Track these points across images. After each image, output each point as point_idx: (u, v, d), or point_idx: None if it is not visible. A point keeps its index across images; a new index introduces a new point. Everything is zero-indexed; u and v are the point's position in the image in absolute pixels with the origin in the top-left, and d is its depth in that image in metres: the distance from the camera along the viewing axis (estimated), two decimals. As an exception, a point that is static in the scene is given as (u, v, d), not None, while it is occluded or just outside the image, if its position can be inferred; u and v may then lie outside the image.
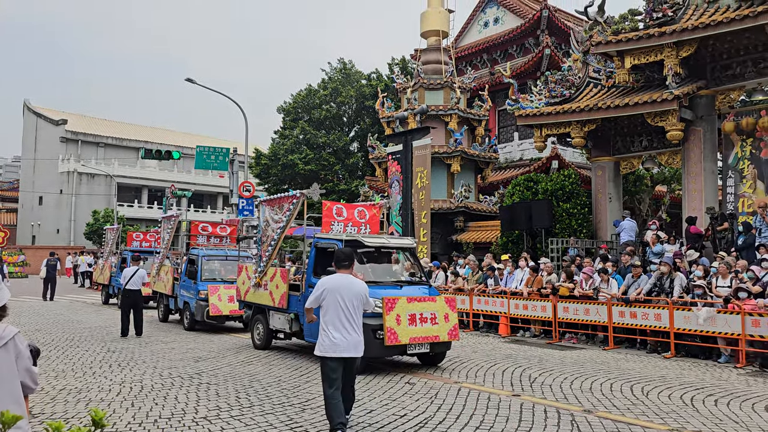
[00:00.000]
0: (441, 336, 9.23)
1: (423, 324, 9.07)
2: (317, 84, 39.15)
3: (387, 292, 9.24)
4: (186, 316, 14.64)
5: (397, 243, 10.45)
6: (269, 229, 11.28)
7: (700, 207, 15.33)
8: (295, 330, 10.61)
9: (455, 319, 9.53)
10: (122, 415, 6.55)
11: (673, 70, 14.80)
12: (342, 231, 10.67)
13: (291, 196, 10.86)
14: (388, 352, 9.02)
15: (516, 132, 28.43)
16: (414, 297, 9.26)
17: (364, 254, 10.06)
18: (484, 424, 6.38)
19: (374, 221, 11.24)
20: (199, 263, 14.63)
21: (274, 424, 6.28)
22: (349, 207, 11.22)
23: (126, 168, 56.22)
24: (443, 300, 9.53)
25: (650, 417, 6.78)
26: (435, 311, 9.26)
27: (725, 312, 10.38)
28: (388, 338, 8.72)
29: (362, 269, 9.69)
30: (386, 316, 8.76)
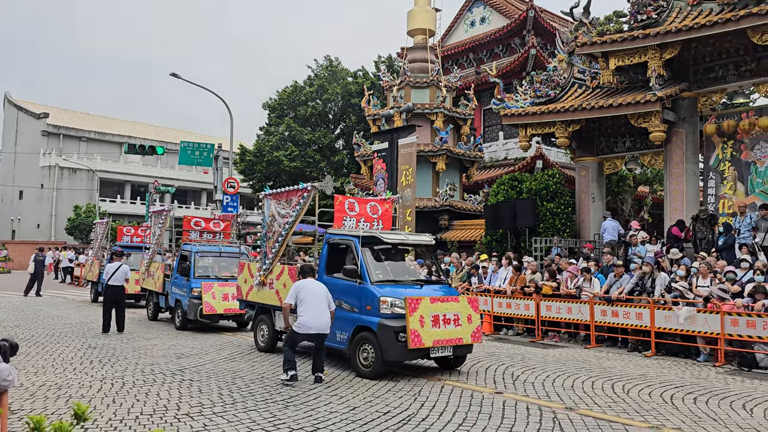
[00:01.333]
0: (464, 338, 8.73)
1: (446, 326, 8.56)
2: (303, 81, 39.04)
3: (408, 291, 8.78)
4: (178, 314, 14.06)
5: (417, 239, 9.91)
6: (275, 225, 10.69)
7: (681, 208, 15.50)
8: None
9: (478, 320, 9.07)
10: (103, 412, 6.48)
11: (656, 72, 14.95)
12: (354, 226, 10.13)
13: (301, 190, 10.22)
14: (411, 356, 8.52)
15: (501, 131, 28.56)
16: (437, 297, 8.74)
17: (381, 251, 9.55)
18: (467, 422, 6.41)
19: (387, 216, 10.66)
20: (191, 259, 14.11)
21: (257, 421, 6.26)
22: (362, 201, 10.63)
23: (108, 163, 55.63)
24: (466, 300, 9.06)
25: (631, 414, 6.85)
26: (458, 312, 8.77)
27: (705, 312, 10.51)
28: (412, 341, 8.20)
29: (380, 267, 9.29)
30: (409, 317, 8.24)
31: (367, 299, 8.63)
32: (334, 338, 9.05)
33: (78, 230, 47.69)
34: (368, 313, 8.58)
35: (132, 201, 56.72)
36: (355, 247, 9.07)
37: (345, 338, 8.92)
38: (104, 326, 12.82)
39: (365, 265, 8.87)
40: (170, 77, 25.30)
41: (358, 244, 9.04)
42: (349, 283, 8.96)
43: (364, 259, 8.94)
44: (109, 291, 13.01)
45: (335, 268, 9.53)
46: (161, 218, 16.27)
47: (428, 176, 23.14)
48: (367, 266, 8.89)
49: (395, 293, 8.59)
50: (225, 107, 25.24)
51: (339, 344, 9.09)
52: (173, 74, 24.76)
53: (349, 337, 8.82)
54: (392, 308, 8.41)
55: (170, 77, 25.30)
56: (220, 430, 5.92)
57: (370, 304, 8.58)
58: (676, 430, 6.28)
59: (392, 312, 8.40)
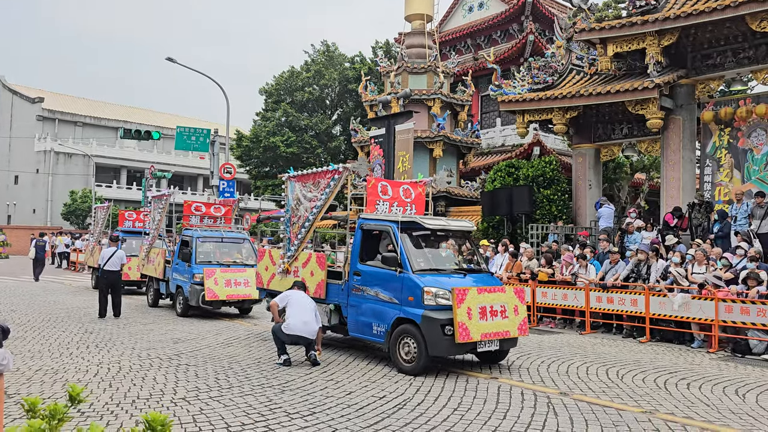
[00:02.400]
0: (511, 331, 8.23)
1: (494, 318, 8.09)
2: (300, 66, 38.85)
3: (454, 281, 8.28)
4: (179, 301, 13.86)
5: (458, 226, 9.31)
6: (301, 209, 10.16)
7: (678, 195, 15.52)
8: (335, 323, 9.60)
9: (524, 311, 8.60)
10: (99, 396, 6.51)
11: (654, 58, 14.91)
12: (387, 211, 9.55)
13: (331, 171, 9.64)
14: (458, 350, 8.03)
15: (498, 118, 28.50)
16: (484, 287, 8.24)
17: (421, 238, 9.08)
18: (462, 406, 6.46)
19: (420, 200, 10.06)
20: (193, 245, 13.90)
21: (254, 405, 6.29)
22: (395, 185, 10.02)
23: (104, 148, 55.39)
24: (512, 291, 8.58)
25: (624, 400, 6.91)
26: (505, 303, 8.28)
27: (700, 298, 10.57)
28: (460, 335, 7.70)
29: (421, 255, 8.80)
30: (457, 309, 7.74)
31: (409, 289, 8.11)
32: (370, 331, 8.64)
33: (74, 215, 47.61)
34: (410, 305, 8.06)
35: (128, 186, 56.57)
36: (393, 234, 8.55)
37: (382, 331, 8.41)
38: (100, 312, 12.83)
39: (405, 252, 8.36)
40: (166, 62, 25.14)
41: (396, 230, 8.51)
42: (387, 272, 8.46)
43: (404, 246, 8.42)
44: (105, 276, 13.01)
45: (369, 255, 9.12)
46: (161, 203, 15.96)
47: (425, 162, 23.11)
48: (408, 254, 8.37)
49: (439, 283, 8.11)
50: (221, 92, 25.11)
51: (375, 337, 8.60)
52: (169, 59, 24.60)
53: (387, 330, 8.32)
54: (436, 299, 7.93)
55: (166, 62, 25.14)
56: (217, 414, 5.96)
57: (412, 295, 8.06)
58: (669, 414, 6.34)
59: (436, 303, 7.91)
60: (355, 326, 8.95)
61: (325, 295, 9.54)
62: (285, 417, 5.92)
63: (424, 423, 5.84)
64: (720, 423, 6.10)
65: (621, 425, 5.92)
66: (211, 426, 5.61)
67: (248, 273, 13.36)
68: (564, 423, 5.94)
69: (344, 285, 9.20)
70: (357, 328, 8.90)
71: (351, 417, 5.97)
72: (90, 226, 27.20)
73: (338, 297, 9.35)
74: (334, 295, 9.47)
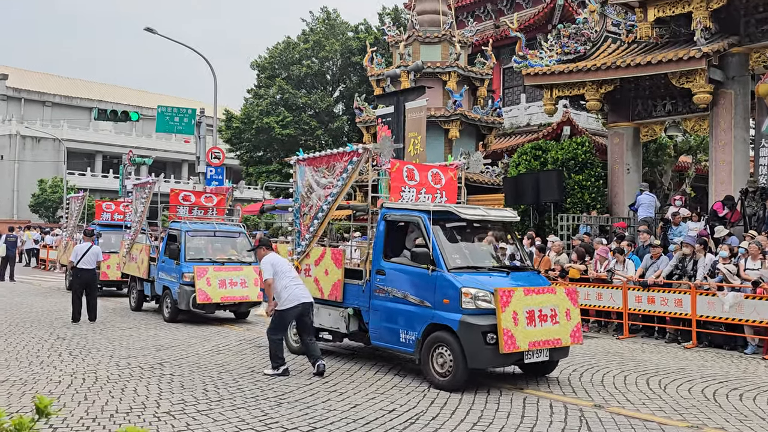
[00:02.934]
0: (563, 339, 7.91)
1: (543, 323, 7.75)
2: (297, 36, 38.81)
3: (495, 281, 7.93)
4: (166, 304, 13.58)
5: (499, 216, 8.97)
6: (313, 197, 9.85)
7: (728, 180, 15.43)
8: (353, 330, 9.24)
9: (578, 316, 8.25)
10: (74, 410, 6.56)
11: (702, 24, 14.76)
12: (414, 199, 9.21)
13: (349, 153, 9.31)
14: (502, 362, 7.77)
15: (523, 93, 28.38)
16: (532, 288, 7.93)
17: (456, 230, 8.78)
18: (482, 421, 6.46)
19: (451, 186, 9.74)
20: (182, 240, 13.53)
21: (247, 420, 6.32)
22: (422, 168, 9.70)
23: (77, 131, 55.65)
24: (563, 292, 8.23)
25: (668, 413, 6.89)
26: (555, 306, 7.94)
27: (754, 298, 10.51)
28: (505, 344, 7.35)
29: (456, 250, 8.48)
30: (501, 314, 7.38)
31: (444, 291, 7.79)
32: (396, 339, 8.32)
33: (43, 207, 47.92)
34: (445, 308, 7.75)
35: (104, 174, 56.86)
36: (424, 225, 8.23)
37: (412, 339, 8.08)
38: (74, 315, 12.91)
39: (439, 247, 8.04)
40: (145, 33, 25.17)
41: (428, 221, 8.19)
42: (417, 270, 8.15)
43: (437, 240, 8.11)
44: (78, 275, 13.08)
45: (394, 251, 8.78)
46: (144, 192, 15.66)
47: (440, 145, 23.07)
48: (442, 249, 8.05)
49: (479, 283, 7.79)
50: (207, 66, 25.13)
51: (403, 346, 8.27)
52: (148, 29, 24.61)
53: (418, 337, 8.00)
54: (476, 302, 7.59)
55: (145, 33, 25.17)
56: (205, 430, 5.99)
57: (447, 297, 7.74)
58: (719, 430, 6.32)
59: (476, 307, 7.59)
60: (378, 334, 8.66)
61: (342, 297, 9.24)
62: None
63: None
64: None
65: (664, 442, 5.90)
66: (199, 443, 5.63)
67: (245, 272, 13.23)
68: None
69: (365, 286, 8.90)
70: (381, 335, 8.62)
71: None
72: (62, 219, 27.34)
73: (358, 300, 9.05)
74: (352, 297, 9.16)
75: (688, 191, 22.94)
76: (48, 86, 60.76)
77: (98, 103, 56.54)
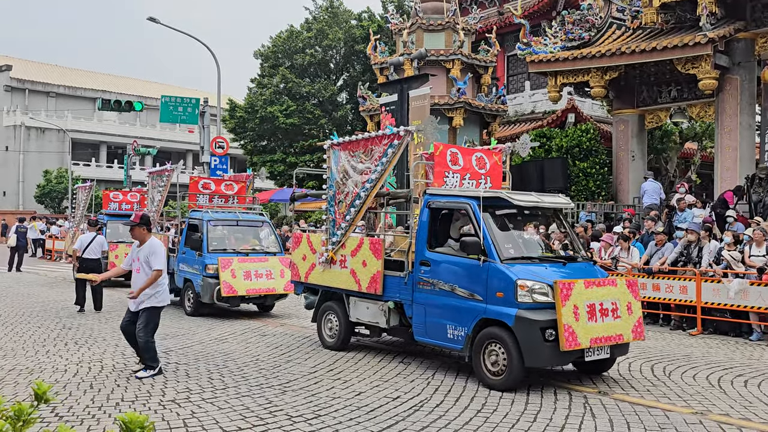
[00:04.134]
0: (625, 335, 7.44)
1: (604, 318, 7.28)
2: (300, 25, 38.63)
3: (552, 272, 7.51)
4: (188, 297, 13.01)
5: (553, 202, 8.41)
6: (349, 183, 9.33)
7: (734, 167, 15.36)
8: (394, 325, 8.74)
9: (639, 310, 7.76)
10: (80, 398, 6.60)
11: (708, 9, 14.65)
12: (458, 184, 8.74)
13: (389, 136, 8.80)
14: (562, 360, 7.32)
15: (527, 81, 28.24)
16: (592, 280, 7.46)
17: (507, 218, 8.30)
18: (486, 408, 6.48)
19: (496, 172, 9.30)
20: (204, 230, 12.95)
21: (251, 408, 6.35)
22: (466, 152, 9.17)
23: (81, 121, 55.70)
24: (624, 284, 7.74)
25: (672, 399, 6.90)
26: (617, 299, 7.48)
27: (759, 284, 10.48)
28: (566, 341, 6.86)
29: (508, 239, 8.02)
30: (562, 308, 6.92)
31: (497, 283, 7.30)
32: (443, 335, 7.83)
33: (49, 198, 48.05)
34: (498, 302, 7.25)
35: (108, 164, 56.94)
36: (474, 213, 7.72)
37: (461, 335, 7.58)
38: (78, 299, 13.00)
39: (490, 236, 7.55)
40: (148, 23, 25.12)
41: (477, 208, 7.67)
42: (466, 261, 7.65)
43: (488, 228, 7.61)
44: (83, 265, 13.11)
45: (438, 241, 8.33)
46: (162, 180, 14.95)
47: (444, 133, 22.97)
48: (493, 238, 7.57)
49: (535, 275, 7.32)
50: (211, 56, 25.08)
51: (450, 343, 7.79)
52: (151, 18, 24.57)
53: (467, 333, 7.50)
54: (533, 295, 7.12)
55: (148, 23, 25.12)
56: (210, 417, 6.02)
57: (501, 290, 7.25)
58: (724, 416, 6.32)
59: (533, 300, 7.12)
60: (423, 329, 8.13)
61: (382, 290, 8.68)
62: (286, 420, 5.97)
63: (444, 426, 5.87)
64: (782, 425, 6.07)
65: (668, 428, 5.91)
66: (204, 430, 5.67)
67: (271, 263, 12.76)
68: (603, 426, 5.94)
69: (407, 278, 8.37)
70: (426, 330, 8.09)
71: (360, 420, 6.01)
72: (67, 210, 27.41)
73: (399, 293, 8.52)
74: (393, 290, 8.61)
75: (694, 178, 22.86)
76: (52, 77, 60.74)
77: (102, 93, 56.57)
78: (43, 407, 6.05)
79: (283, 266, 12.40)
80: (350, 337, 9.52)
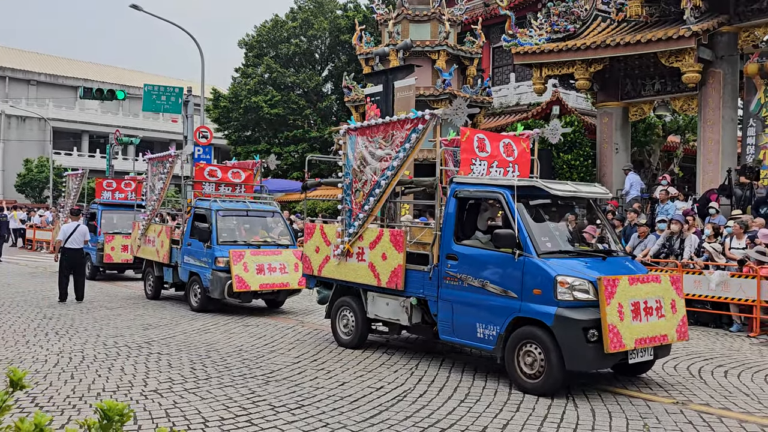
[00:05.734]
0: (669, 335, 6.99)
1: (648, 317, 6.81)
2: (285, 14, 38.41)
3: (594, 268, 7.00)
4: (194, 292, 12.26)
5: (591, 192, 7.82)
6: (367, 171, 8.77)
7: (716, 160, 15.47)
8: (416, 322, 8.25)
9: (683, 308, 7.33)
10: (60, 388, 6.54)
11: (692, 2, 14.72)
12: (485, 172, 8.27)
13: (412, 120, 8.26)
14: (605, 362, 6.77)
15: (513, 73, 28.28)
16: (636, 276, 6.97)
17: (542, 208, 7.76)
18: (469, 398, 6.50)
19: (524, 159, 8.83)
20: (212, 220, 12.13)
21: (234, 398, 6.32)
22: (494, 138, 8.65)
23: (62, 110, 55.09)
24: (668, 280, 7.25)
25: (654, 389, 6.96)
26: (660, 297, 7.01)
27: (740, 276, 10.59)
28: (611, 342, 6.38)
29: (545, 232, 7.46)
30: (606, 306, 6.44)
31: (534, 279, 6.79)
32: (472, 334, 7.33)
33: (29, 187, 47.50)
34: (535, 299, 6.75)
35: (90, 154, 56.38)
36: (507, 203, 7.19)
37: (493, 335, 7.09)
38: (61, 295, 12.86)
39: (526, 228, 7.04)
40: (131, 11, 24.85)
41: (511, 198, 7.14)
42: (499, 255, 7.17)
43: (523, 220, 7.08)
44: (66, 255, 13.00)
45: (466, 233, 7.81)
46: (164, 167, 14.04)
47: (429, 124, 22.97)
48: (529, 231, 7.06)
49: (576, 270, 6.82)
50: (195, 45, 24.86)
51: (480, 343, 7.29)
52: (134, 6, 24.30)
53: (500, 333, 7.01)
54: (573, 293, 6.62)
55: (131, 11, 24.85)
56: (193, 408, 5.99)
57: (538, 287, 6.74)
58: (704, 405, 6.39)
59: (574, 298, 6.62)
60: (449, 327, 7.62)
61: (404, 285, 8.15)
62: (269, 410, 5.96)
63: (427, 416, 5.88)
64: (761, 414, 6.15)
65: (649, 417, 5.96)
66: (186, 421, 5.64)
67: (284, 256, 12.01)
68: (585, 415, 5.98)
69: (432, 272, 7.86)
70: (452, 329, 7.59)
71: (344, 410, 6.01)
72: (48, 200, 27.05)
73: (423, 288, 7.99)
74: (416, 285, 8.08)
75: (677, 171, 23.02)
76: (33, 65, 59.98)
77: (84, 82, 55.89)
78: (23, 398, 6.01)
79: (297, 259, 11.69)
80: (367, 334, 9.01)
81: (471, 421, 5.78)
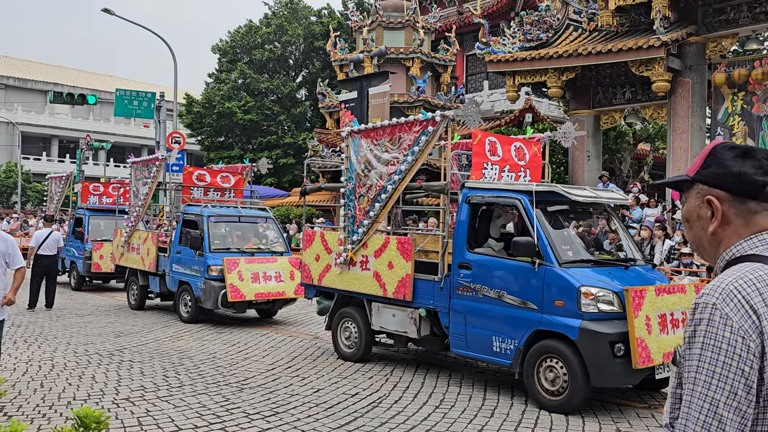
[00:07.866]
0: None
1: (675, 330, 6.42)
2: (259, 20, 38.31)
3: (618, 278, 6.68)
4: (184, 302, 11.74)
5: (611, 198, 7.55)
6: (372, 175, 8.39)
7: (685, 167, 15.69)
8: (425, 335, 7.81)
9: None
10: (29, 397, 6.44)
11: (661, 12, 14.98)
12: (497, 177, 7.94)
13: (421, 122, 7.94)
14: (633, 378, 6.33)
15: (486, 80, 28.51)
16: (663, 287, 6.62)
17: (561, 214, 7.46)
18: (444, 404, 6.52)
19: (536, 164, 8.54)
20: (204, 226, 11.57)
21: (208, 405, 6.28)
22: (505, 142, 8.33)
23: (31, 114, 54.19)
24: (693, 291, 6.84)
25: (626, 395, 7.05)
26: (686, 309, 6.55)
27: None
28: (640, 357, 6.01)
29: (565, 240, 7.16)
30: (634, 319, 6.06)
31: (556, 290, 6.43)
32: (488, 348, 6.93)
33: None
34: (557, 312, 6.38)
35: (60, 159, 55.51)
36: (525, 210, 6.85)
37: (510, 349, 6.72)
38: (30, 302, 12.66)
39: (546, 236, 6.68)
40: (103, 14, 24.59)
41: (529, 204, 6.80)
42: (517, 265, 6.80)
43: (542, 227, 6.74)
44: (38, 262, 12.79)
45: (478, 240, 7.47)
46: (150, 171, 13.59)
47: (403, 131, 23.06)
48: (549, 238, 6.70)
49: (599, 281, 6.46)
50: (168, 50, 24.67)
51: (496, 357, 6.90)
52: (106, 10, 24.06)
53: (518, 346, 6.63)
54: (597, 304, 6.26)
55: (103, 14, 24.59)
56: (165, 416, 5.93)
57: (561, 298, 6.38)
58: (674, 410, 6.47)
59: (598, 310, 6.25)
60: (462, 340, 7.22)
61: (412, 295, 7.73)
62: (244, 418, 5.92)
63: (402, 422, 5.89)
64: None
65: (621, 422, 6.03)
66: (159, 429, 5.58)
67: (280, 263, 11.53)
68: (558, 419, 6.04)
69: (443, 282, 7.47)
70: (466, 342, 7.18)
71: (319, 417, 5.99)
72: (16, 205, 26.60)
73: (433, 299, 7.59)
74: (425, 295, 7.68)
75: (647, 178, 23.37)
76: (1, 68, 59.00)
77: (54, 86, 55.08)
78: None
79: (293, 267, 11.27)
80: (371, 347, 8.60)
81: (446, 426, 5.80)
